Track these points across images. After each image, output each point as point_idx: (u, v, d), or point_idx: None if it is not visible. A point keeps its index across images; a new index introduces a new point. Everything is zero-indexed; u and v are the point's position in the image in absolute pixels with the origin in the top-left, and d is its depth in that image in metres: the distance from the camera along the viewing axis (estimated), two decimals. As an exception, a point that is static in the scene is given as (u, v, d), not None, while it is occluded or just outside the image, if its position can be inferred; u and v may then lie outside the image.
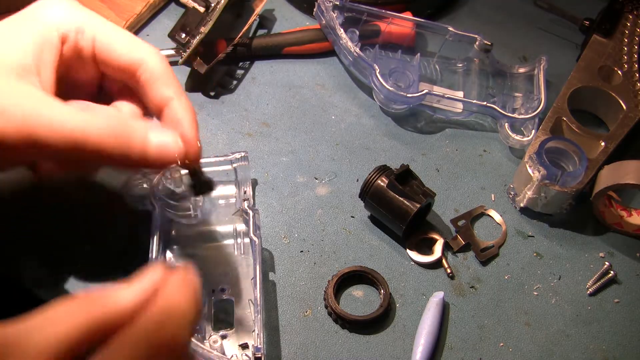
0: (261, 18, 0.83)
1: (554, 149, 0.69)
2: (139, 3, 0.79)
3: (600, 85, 0.74)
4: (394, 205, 0.63)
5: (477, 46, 0.78)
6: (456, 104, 0.75)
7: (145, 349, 0.37)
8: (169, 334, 0.38)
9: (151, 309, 0.38)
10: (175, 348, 0.38)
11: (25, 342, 0.36)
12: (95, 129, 0.45)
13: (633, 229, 0.68)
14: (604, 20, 0.79)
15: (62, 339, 0.37)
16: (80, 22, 0.49)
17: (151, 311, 0.38)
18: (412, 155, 0.73)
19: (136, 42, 0.50)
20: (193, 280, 0.42)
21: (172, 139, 0.48)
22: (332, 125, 0.75)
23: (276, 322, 0.60)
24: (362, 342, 0.60)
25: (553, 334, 0.62)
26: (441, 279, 0.64)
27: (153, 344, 0.37)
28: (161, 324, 0.38)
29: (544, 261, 0.66)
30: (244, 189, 0.66)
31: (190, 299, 0.40)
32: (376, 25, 0.79)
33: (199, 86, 0.76)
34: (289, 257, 0.64)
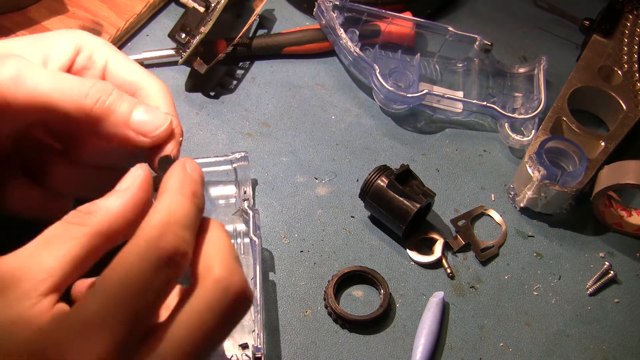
0: (261, 18, 0.83)
1: (554, 149, 0.69)
2: (139, 3, 0.79)
3: (600, 85, 0.74)
4: (394, 205, 0.63)
5: (477, 46, 0.78)
6: (456, 104, 0.75)
7: (148, 263, 0.36)
8: (170, 245, 0.37)
9: (148, 222, 0.38)
10: (179, 260, 0.38)
11: (28, 270, 0.37)
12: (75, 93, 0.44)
13: (633, 229, 0.68)
14: (604, 20, 0.79)
15: (64, 259, 0.37)
16: (97, 43, 0.50)
17: (147, 226, 0.38)
18: (412, 155, 0.73)
19: (141, 69, 0.50)
20: (190, 177, 0.42)
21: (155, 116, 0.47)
22: (332, 125, 0.75)
23: (276, 322, 0.60)
24: (362, 342, 0.60)
25: (553, 334, 0.62)
26: (441, 279, 0.64)
27: (154, 258, 0.36)
28: (159, 236, 0.37)
29: (544, 261, 0.66)
30: (244, 189, 0.66)
31: (188, 207, 0.40)
32: (376, 25, 0.79)
33: (199, 86, 0.76)
34: (289, 257, 0.64)
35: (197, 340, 0.37)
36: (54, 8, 0.78)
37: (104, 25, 0.77)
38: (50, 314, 0.36)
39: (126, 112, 0.45)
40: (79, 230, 0.38)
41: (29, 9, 0.77)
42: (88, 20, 0.77)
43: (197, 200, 0.41)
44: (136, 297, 0.36)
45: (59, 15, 0.77)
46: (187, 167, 0.42)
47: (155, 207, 0.39)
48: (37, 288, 0.36)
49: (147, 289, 0.36)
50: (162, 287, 0.37)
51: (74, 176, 0.53)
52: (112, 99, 0.45)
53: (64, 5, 0.78)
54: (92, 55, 0.49)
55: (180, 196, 0.40)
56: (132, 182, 0.41)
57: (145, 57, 0.76)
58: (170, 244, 0.37)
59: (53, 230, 0.38)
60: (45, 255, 0.37)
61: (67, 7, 0.78)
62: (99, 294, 0.36)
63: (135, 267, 0.36)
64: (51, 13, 0.77)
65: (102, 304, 0.35)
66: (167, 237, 0.37)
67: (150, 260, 0.36)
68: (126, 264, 0.36)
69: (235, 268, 0.39)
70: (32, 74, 0.44)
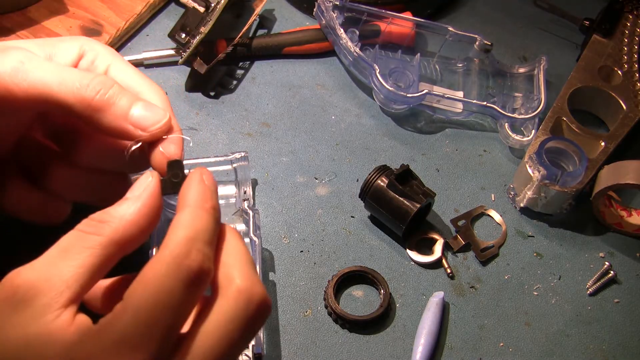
0: (261, 18, 0.83)
1: (554, 149, 0.69)
2: (139, 3, 0.79)
3: (600, 85, 0.74)
4: (394, 205, 0.63)
5: (477, 46, 0.78)
6: (456, 104, 0.75)
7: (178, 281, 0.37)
8: (197, 263, 0.38)
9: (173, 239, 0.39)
10: (204, 277, 0.38)
11: (46, 282, 0.37)
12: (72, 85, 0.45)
13: (633, 229, 0.68)
14: (604, 20, 0.79)
15: (81, 269, 0.38)
16: (103, 50, 0.50)
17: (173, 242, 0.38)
18: (412, 155, 0.73)
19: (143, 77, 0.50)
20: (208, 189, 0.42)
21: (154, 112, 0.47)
22: (332, 125, 0.75)
23: (276, 322, 0.60)
24: (362, 342, 0.60)
25: (553, 334, 0.62)
26: (441, 279, 0.64)
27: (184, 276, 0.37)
28: (186, 254, 0.38)
29: (544, 261, 0.66)
30: (244, 189, 0.66)
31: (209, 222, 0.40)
32: (376, 25, 0.79)
33: (199, 86, 0.76)
34: (289, 257, 0.65)
35: (222, 352, 0.38)
36: (54, 8, 0.78)
37: (104, 25, 0.77)
38: (74, 327, 0.36)
39: (126, 105, 0.45)
40: (94, 239, 0.39)
41: (29, 9, 0.77)
42: (88, 20, 0.77)
43: (217, 214, 0.42)
44: (167, 314, 0.36)
45: (59, 15, 0.77)
46: (204, 178, 0.43)
47: (179, 222, 0.40)
48: (57, 300, 0.37)
49: (176, 307, 0.37)
50: (189, 304, 0.38)
51: (73, 179, 0.53)
52: (112, 91, 0.45)
53: (64, 5, 0.78)
54: (95, 60, 0.49)
55: (202, 211, 0.41)
56: (145, 190, 0.41)
57: (145, 57, 0.77)
58: (197, 262, 0.38)
59: (68, 240, 0.39)
60: (62, 266, 0.38)
61: (67, 7, 0.78)
62: (130, 311, 0.36)
63: (166, 285, 0.37)
64: (51, 13, 0.77)
65: (134, 322, 0.36)
66: (193, 255, 0.38)
67: (179, 278, 0.37)
68: (156, 281, 0.37)
69: (255, 277, 0.40)
70: (35, 65, 0.45)
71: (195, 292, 0.38)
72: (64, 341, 0.36)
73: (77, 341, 0.36)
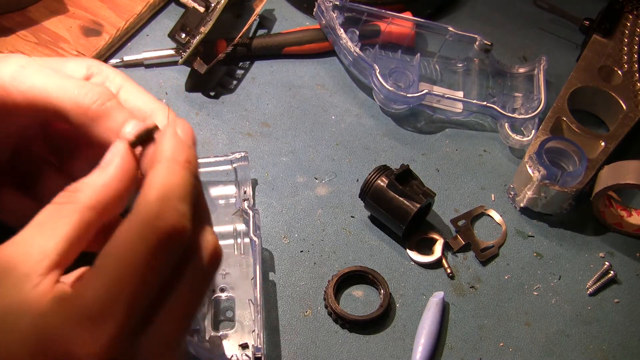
0: (261, 18, 0.83)
1: (554, 149, 0.69)
2: (139, 3, 0.79)
3: (600, 85, 0.74)
4: (394, 205, 0.63)
5: (477, 46, 0.78)
6: (456, 104, 0.75)
7: (147, 245, 0.36)
8: (169, 223, 0.36)
9: (143, 199, 0.37)
10: (179, 237, 0.37)
11: (23, 254, 0.36)
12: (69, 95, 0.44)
13: (633, 229, 0.68)
14: (604, 20, 0.79)
15: (58, 237, 0.37)
16: (112, 72, 0.49)
17: (143, 203, 0.37)
18: (412, 155, 0.73)
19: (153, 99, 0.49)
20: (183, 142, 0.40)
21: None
22: (332, 125, 0.75)
23: (276, 322, 0.60)
24: (362, 342, 0.60)
25: (553, 334, 0.62)
26: (441, 279, 0.64)
27: (154, 239, 0.36)
28: (157, 215, 0.36)
29: (544, 261, 0.66)
30: (244, 189, 0.66)
31: (184, 177, 0.38)
32: (376, 25, 0.79)
33: (199, 86, 0.76)
34: (289, 257, 0.65)
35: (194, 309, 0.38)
36: (54, 8, 0.78)
37: (104, 25, 0.77)
38: (51, 296, 0.35)
39: (120, 121, 0.44)
40: (69, 208, 0.38)
41: (29, 9, 0.77)
42: (88, 20, 0.77)
43: (193, 167, 0.40)
44: (137, 280, 0.35)
45: (59, 15, 0.77)
46: (178, 131, 0.41)
47: (150, 180, 0.38)
48: (35, 269, 0.36)
49: (147, 272, 0.35)
50: (163, 267, 0.36)
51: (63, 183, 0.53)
52: (109, 104, 0.45)
53: (64, 5, 0.78)
54: (104, 82, 0.49)
55: (175, 165, 0.39)
56: (114, 155, 0.40)
57: (145, 57, 0.77)
58: (169, 222, 0.36)
59: (43, 213, 0.38)
60: (39, 238, 0.37)
61: (67, 7, 0.78)
62: (98, 278, 0.35)
63: (134, 249, 0.35)
64: (51, 13, 0.77)
65: (102, 289, 0.35)
66: (165, 215, 0.36)
67: (150, 241, 0.35)
68: (124, 246, 0.35)
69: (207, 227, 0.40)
70: (34, 71, 0.44)
71: (170, 254, 0.36)
72: (36, 310, 0.35)
73: (48, 310, 0.35)
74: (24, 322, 0.35)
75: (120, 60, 0.76)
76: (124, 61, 0.76)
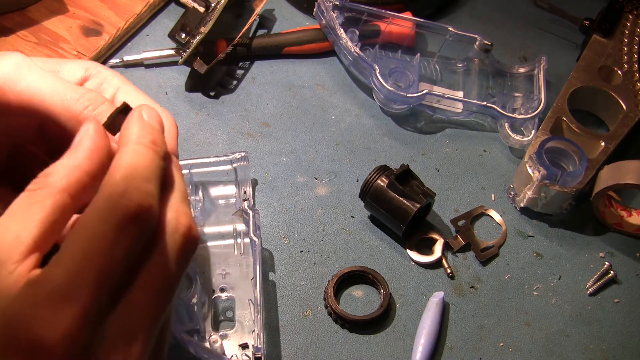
0: (261, 18, 0.83)
1: (554, 149, 0.69)
2: (139, 3, 0.79)
3: (600, 85, 0.74)
4: (394, 205, 0.63)
5: (477, 46, 0.78)
6: (456, 104, 0.75)
7: (112, 224, 0.35)
8: (134, 202, 0.36)
9: (108, 179, 0.37)
10: (145, 216, 0.36)
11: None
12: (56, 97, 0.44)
13: (633, 229, 0.68)
14: (604, 20, 0.79)
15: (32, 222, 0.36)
16: (110, 75, 0.49)
17: (108, 183, 0.37)
18: (412, 155, 0.73)
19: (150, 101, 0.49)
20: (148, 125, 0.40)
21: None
22: (332, 125, 0.75)
23: (276, 322, 0.60)
24: (362, 342, 0.60)
25: (553, 334, 0.62)
26: (441, 279, 0.64)
27: (118, 218, 0.35)
28: (122, 194, 0.36)
29: (544, 261, 0.66)
30: (244, 189, 0.66)
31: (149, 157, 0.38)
32: (376, 25, 0.79)
33: (199, 86, 0.76)
34: (289, 257, 0.65)
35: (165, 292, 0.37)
36: (54, 8, 0.78)
37: (104, 25, 0.77)
38: (24, 281, 0.35)
39: None
40: (41, 193, 0.37)
41: (29, 9, 0.77)
42: (88, 20, 0.77)
43: (159, 149, 0.39)
44: (102, 260, 0.34)
45: (59, 15, 0.77)
46: (144, 115, 0.41)
47: (115, 162, 0.38)
48: (10, 256, 0.35)
49: (112, 251, 0.35)
50: (129, 247, 0.36)
51: None
52: (101, 109, 0.44)
53: (64, 5, 0.78)
54: (102, 83, 0.49)
55: (140, 146, 0.39)
56: (83, 136, 0.40)
57: (145, 57, 0.76)
58: (134, 200, 0.36)
59: (17, 202, 0.37)
60: (13, 224, 0.36)
61: (67, 7, 0.78)
62: (63, 260, 0.35)
63: (98, 229, 0.35)
64: (51, 13, 0.77)
65: (67, 271, 0.34)
66: (130, 193, 0.36)
67: (114, 220, 0.35)
68: (88, 226, 0.35)
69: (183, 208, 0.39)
70: (29, 72, 0.44)
71: (135, 233, 0.36)
72: (9, 296, 0.34)
73: (22, 294, 0.34)
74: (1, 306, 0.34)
75: (120, 60, 0.76)
76: (124, 61, 0.76)
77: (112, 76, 0.49)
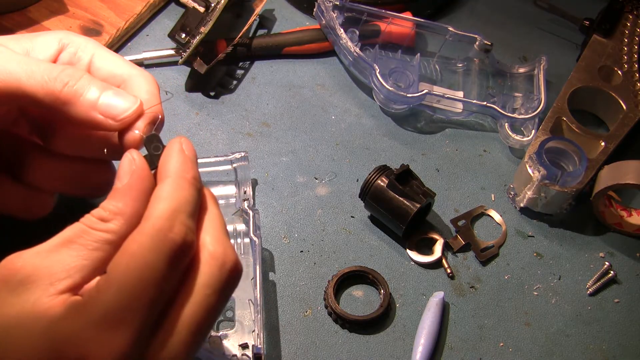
0: (261, 18, 0.83)
1: (554, 149, 0.69)
2: (139, 3, 0.79)
3: (600, 85, 0.74)
4: (394, 205, 0.63)
5: (477, 46, 0.78)
6: (456, 104, 0.75)
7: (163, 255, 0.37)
8: (180, 236, 0.38)
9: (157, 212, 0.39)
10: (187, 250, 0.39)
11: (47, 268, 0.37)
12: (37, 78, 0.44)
13: (633, 229, 0.68)
14: (604, 20, 0.79)
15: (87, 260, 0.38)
16: (84, 41, 0.50)
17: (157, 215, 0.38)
18: (412, 155, 0.73)
19: (129, 64, 0.50)
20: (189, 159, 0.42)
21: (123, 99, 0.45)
22: (332, 125, 0.75)
23: (276, 322, 0.60)
24: (362, 342, 0.60)
25: (553, 334, 0.62)
26: (441, 279, 0.64)
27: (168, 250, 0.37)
28: (170, 228, 0.38)
29: (544, 261, 0.66)
30: (244, 189, 0.66)
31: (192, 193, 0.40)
32: (376, 25, 0.79)
33: (199, 86, 0.76)
34: (289, 257, 0.65)
35: (203, 319, 0.39)
36: (54, 8, 0.78)
37: (104, 25, 0.77)
38: (62, 304, 0.37)
39: (94, 96, 0.45)
40: (100, 236, 0.39)
41: (29, 9, 0.77)
42: (88, 20, 0.77)
43: (199, 184, 0.42)
44: (150, 289, 0.37)
45: (59, 15, 0.77)
46: (184, 147, 0.43)
47: (161, 193, 0.40)
48: (56, 287, 0.37)
49: (160, 281, 0.37)
50: (172, 277, 0.38)
51: (55, 170, 0.53)
52: (81, 83, 0.45)
53: (64, 5, 0.78)
54: (76, 52, 0.49)
55: (184, 181, 0.40)
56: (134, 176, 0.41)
57: (145, 57, 0.76)
58: (180, 235, 0.38)
59: (73, 231, 0.39)
60: (66, 255, 0.38)
61: (67, 7, 0.78)
62: (114, 285, 0.36)
63: (149, 259, 0.37)
64: (51, 13, 0.77)
65: (118, 297, 0.36)
66: (176, 228, 0.38)
67: (163, 252, 0.37)
68: (140, 255, 0.37)
69: (228, 242, 0.41)
70: (4, 58, 0.44)
71: (178, 265, 0.38)
72: (47, 318, 0.36)
73: (61, 317, 0.36)
74: (38, 328, 0.36)
75: (120, 60, 0.76)
76: (124, 61, 0.76)
77: (86, 43, 0.49)
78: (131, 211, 0.40)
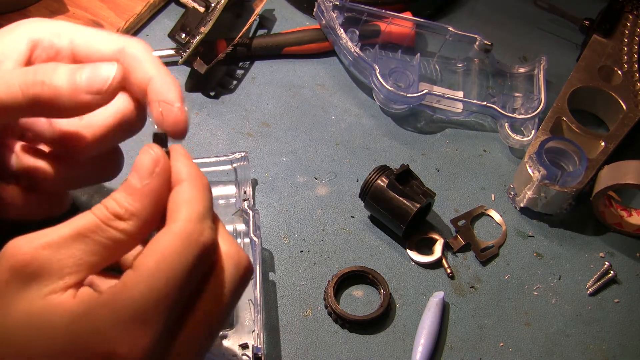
0: (261, 18, 0.83)
1: (554, 149, 0.69)
2: (139, 3, 0.79)
3: (600, 85, 0.74)
4: (394, 205, 0.63)
5: (477, 46, 0.78)
6: (456, 104, 0.75)
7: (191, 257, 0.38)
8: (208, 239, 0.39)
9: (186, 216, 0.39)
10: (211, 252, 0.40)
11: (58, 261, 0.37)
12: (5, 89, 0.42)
13: (633, 229, 0.68)
14: (604, 20, 0.79)
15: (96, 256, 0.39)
16: (56, 28, 0.48)
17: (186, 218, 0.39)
18: (412, 155, 0.73)
19: (114, 35, 0.48)
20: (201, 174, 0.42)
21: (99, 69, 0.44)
22: (332, 125, 0.75)
23: (276, 322, 0.60)
24: (362, 342, 0.60)
25: (553, 334, 0.62)
26: (441, 279, 0.64)
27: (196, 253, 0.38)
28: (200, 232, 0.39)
29: (544, 261, 0.66)
30: (244, 189, 0.66)
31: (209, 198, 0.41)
32: (376, 25, 0.79)
33: (199, 86, 0.76)
34: (289, 257, 0.64)
35: (220, 316, 0.40)
36: (54, 8, 0.78)
37: (104, 25, 0.77)
38: (78, 299, 0.37)
39: (70, 80, 0.43)
40: (113, 235, 0.39)
41: (29, 9, 0.77)
42: (88, 20, 0.77)
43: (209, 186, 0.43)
44: (178, 289, 0.37)
45: (59, 15, 0.77)
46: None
47: (184, 195, 0.40)
48: (66, 282, 0.37)
49: (187, 281, 0.38)
50: (197, 277, 0.39)
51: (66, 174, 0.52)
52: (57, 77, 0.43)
53: (64, 5, 0.78)
54: (52, 43, 0.47)
55: (203, 186, 0.41)
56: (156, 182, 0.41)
57: (145, 57, 0.76)
58: (208, 239, 0.39)
59: (84, 224, 0.38)
60: (77, 249, 0.38)
61: (67, 7, 0.78)
62: (144, 282, 0.37)
63: (180, 260, 0.38)
64: (51, 13, 0.77)
65: (148, 294, 0.36)
66: (206, 232, 0.39)
67: (193, 255, 0.38)
68: (171, 256, 0.37)
69: (237, 242, 0.43)
70: None
71: (203, 267, 0.39)
72: (67, 313, 0.36)
73: (82, 312, 0.36)
74: (60, 323, 0.36)
75: (120, 60, 0.76)
76: (124, 61, 0.76)
77: (60, 29, 0.47)
78: (147, 214, 0.40)
